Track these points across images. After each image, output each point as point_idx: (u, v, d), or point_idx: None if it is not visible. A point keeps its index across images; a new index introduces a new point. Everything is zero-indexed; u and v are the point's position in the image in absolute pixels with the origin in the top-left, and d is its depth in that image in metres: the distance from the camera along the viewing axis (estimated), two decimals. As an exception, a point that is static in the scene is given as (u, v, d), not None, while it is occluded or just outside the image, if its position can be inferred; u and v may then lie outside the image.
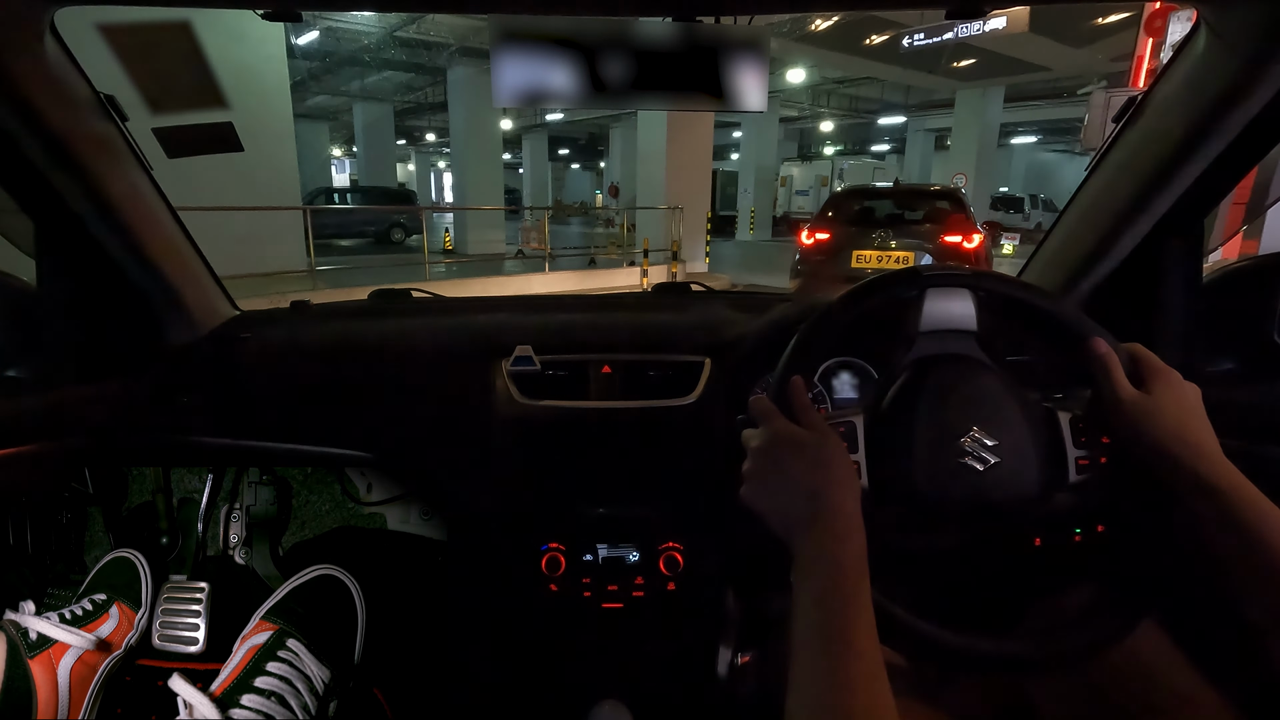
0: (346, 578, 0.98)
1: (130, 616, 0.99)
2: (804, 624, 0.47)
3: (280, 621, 0.92)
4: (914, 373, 0.66)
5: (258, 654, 0.89)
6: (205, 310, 1.11)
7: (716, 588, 1.05)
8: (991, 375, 0.66)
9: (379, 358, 1.10)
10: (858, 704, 0.42)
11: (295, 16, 0.81)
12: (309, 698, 0.88)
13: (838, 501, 0.53)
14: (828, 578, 0.49)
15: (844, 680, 0.44)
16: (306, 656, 0.90)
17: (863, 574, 0.50)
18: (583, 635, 1.04)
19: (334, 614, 0.96)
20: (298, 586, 0.97)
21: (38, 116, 0.78)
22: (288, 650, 0.90)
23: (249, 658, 0.89)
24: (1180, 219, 0.89)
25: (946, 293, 0.68)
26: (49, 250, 0.95)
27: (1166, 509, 0.59)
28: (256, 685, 0.86)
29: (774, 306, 1.10)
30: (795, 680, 0.46)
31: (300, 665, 0.89)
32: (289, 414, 1.07)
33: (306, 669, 0.89)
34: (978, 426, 0.63)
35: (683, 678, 1.05)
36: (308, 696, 0.88)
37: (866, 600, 0.48)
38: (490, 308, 1.28)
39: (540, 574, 0.98)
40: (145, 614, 1.00)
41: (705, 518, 1.00)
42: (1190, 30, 0.79)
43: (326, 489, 1.08)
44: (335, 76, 15.33)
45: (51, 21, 0.77)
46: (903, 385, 0.67)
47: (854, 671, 0.44)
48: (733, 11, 0.78)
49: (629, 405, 0.99)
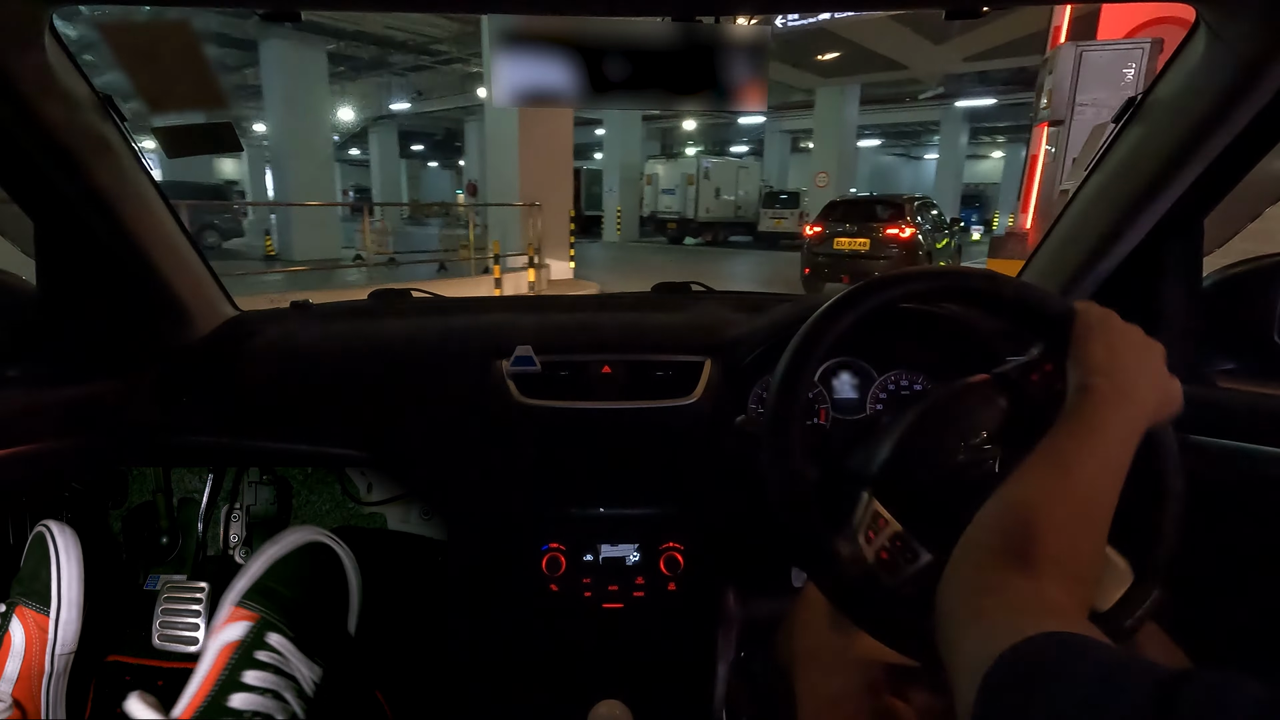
0: (335, 542, 0.82)
1: (41, 622, 0.77)
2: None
3: (259, 608, 0.76)
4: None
5: (233, 657, 0.73)
6: (205, 310, 1.11)
7: (716, 588, 1.05)
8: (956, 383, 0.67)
9: (379, 358, 1.10)
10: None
11: (295, 16, 0.81)
12: (297, 705, 0.73)
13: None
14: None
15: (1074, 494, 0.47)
16: (293, 654, 0.74)
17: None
18: (583, 635, 1.05)
19: (323, 590, 0.79)
20: (278, 561, 0.80)
21: (38, 116, 0.78)
22: (269, 650, 0.74)
23: (222, 663, 0.72)
24: (1180, 219, 0.89)
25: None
26: (49, 250, 0.95)
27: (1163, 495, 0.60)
28: (232, 706, 0.69)
29: (774, 306, 1.10)
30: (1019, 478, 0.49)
31: (286, 667, 0.73)
32: (289, 414, 1.07)
33: (294, 670, 0.74)
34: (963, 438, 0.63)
35: (683, 678, 1.05)
36: (296, 704, 0.72)
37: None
38: (490, 308, 1.28)
39: (540, 574, 0.98)
40: (60, 609, 0.78)
41: (705, 518, 1.00)
42: (1190, 30, 0.79)
43: (326, 489, 1.08)
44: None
45: (51, 21, 0.77)
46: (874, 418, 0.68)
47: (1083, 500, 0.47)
48: (733, 11, 0.78)
49: (629, 405, 0.99)
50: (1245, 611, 0.91)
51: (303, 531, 0.81)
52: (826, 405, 1.02)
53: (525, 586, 1.00)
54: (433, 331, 1.17)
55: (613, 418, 0.99)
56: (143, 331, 1.04)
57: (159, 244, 0.99)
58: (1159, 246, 0.92)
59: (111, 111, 0.89)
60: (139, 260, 0.97)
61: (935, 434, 0.65)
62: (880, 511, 0.63)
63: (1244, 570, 0.91)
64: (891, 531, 0.62)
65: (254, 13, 0.82)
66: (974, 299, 0.69)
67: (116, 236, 0.93)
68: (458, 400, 1.03)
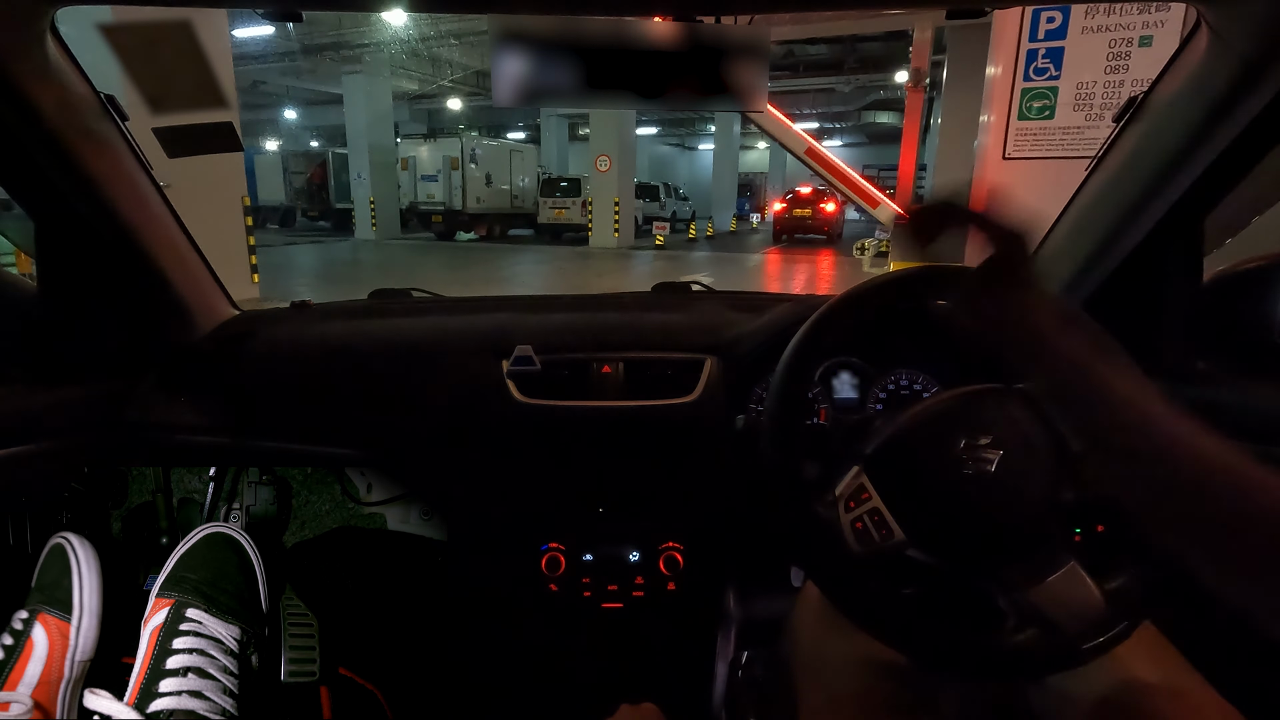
0: (236, 532, 0.93)
1: (63, 629, 0.84)
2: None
3: (174, 594, 0.87)
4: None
5: (160, 635, 0.84)
6: (205, 310, 1.11)
7: (716, 588, 1.05)
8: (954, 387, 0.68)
9: (379, 358, 1.10)
10: None
11: (296, 16, 0.81)
12: (226, 659, 0.84)
13: None
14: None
15: None
16: (210, 620, 0.85)
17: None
18: (582, 635, 1.05)
19: (229, 570, 0.91)
20: (185, 553, 0.91)
21: (38, 116, 0.78)
22: (189, 621, 0.84)
23: (154, 642, 0.84)
24: (1180, 219, 0.89)
25: None
26: (49, 250, 0.95)
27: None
28: (169, 668, 0.81)
29: (774, 306, 1.10)
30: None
31: (206, 631, 0.84)
32: (289, 414, 1.07)
33: (214, 633, 0.85)
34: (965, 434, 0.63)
35: (682, 678, 1.05)
36: (224, 658, 0.84)
37: None
38: (490, 307, 1.28)
39: (540, 574, 0.98)
40: (81, 617, 0.86)
41: (705, 517, 1.00)
42: (1190, 30, 0.79)
43: (326, 489, 1.08)
44: None
45: (52, 22, 0.77)
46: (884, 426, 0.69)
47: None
48: (733, 11, 0.78)
49: (629, 405, 0.99)
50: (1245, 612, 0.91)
51: (205, 527, 0.94)
52: (826, 405, 1.02)
53: (524, 586, 1.00)
54: (432, 331, 1.17)
55: (613, 417, 0.99)
56: (143, 331, 1.04)
57: (159, 244, 0.99)
58: (1159, 246, 0.92)
59: (111, 111, 0.89)
60: (139, 260, 0.97)
61: (937, 427, 0.66)
62: (866, 486, 0.65)
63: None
64: (872, 506, 0.64)
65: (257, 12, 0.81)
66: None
67: (116, 236, 0.93)
68: (457, 400, 1.03)
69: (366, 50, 14.31)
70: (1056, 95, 4.24)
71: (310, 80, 16.90)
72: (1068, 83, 4.21)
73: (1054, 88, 4.23)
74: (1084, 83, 4.16)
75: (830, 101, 19.88)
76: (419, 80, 16.51)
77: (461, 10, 0.85)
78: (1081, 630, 0.59)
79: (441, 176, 15.96)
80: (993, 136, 4.49)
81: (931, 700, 0.74)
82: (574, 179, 16.60)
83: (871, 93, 18.64)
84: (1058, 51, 4.19)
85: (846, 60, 15.88)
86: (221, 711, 0.81)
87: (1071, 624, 0.60)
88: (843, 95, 18.62)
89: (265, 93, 18.88)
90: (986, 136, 4.72)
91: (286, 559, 1.04)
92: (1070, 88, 4.21)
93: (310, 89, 18.15)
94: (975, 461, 0.62)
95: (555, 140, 22.37)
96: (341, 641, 0.98)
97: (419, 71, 16.01)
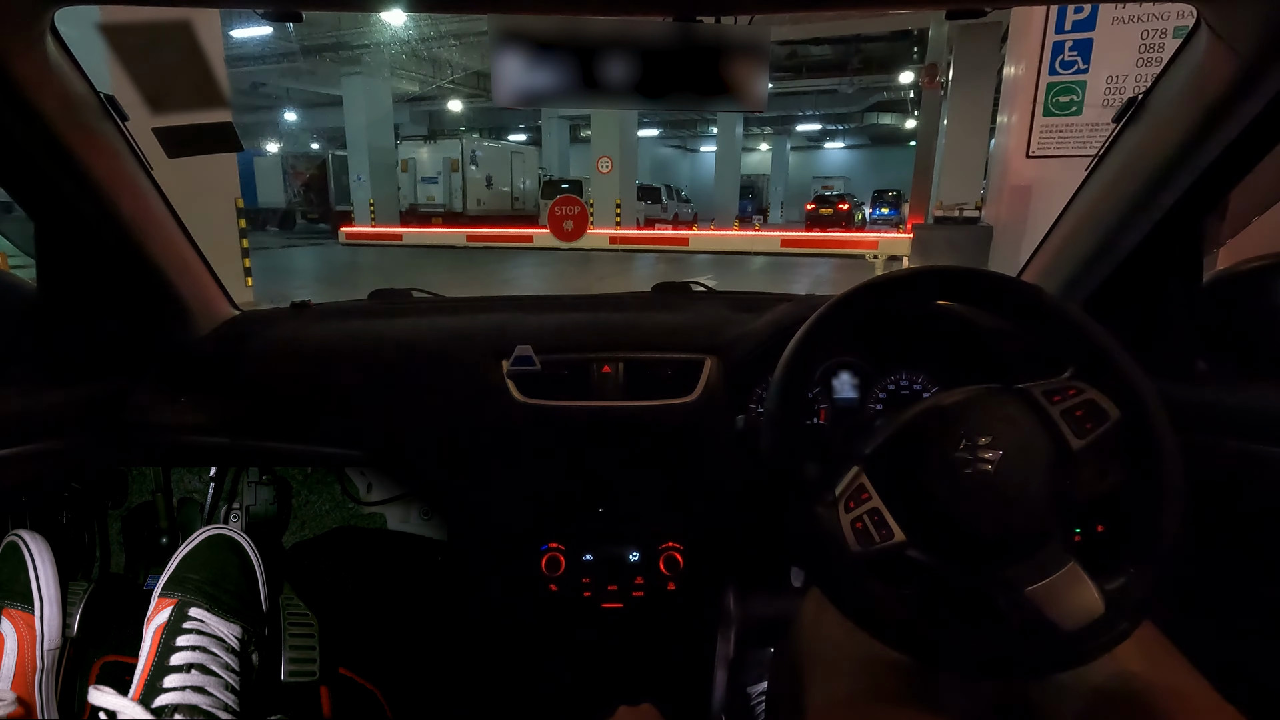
0: (236, 534, 0.96)
1: (28, 621, 0.87)
2: None
3: (178, 594, 0.90)
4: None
5: (164, 633, 0.87)
6: (205, 310, 1.11)
7: (716, 588, 1.05)
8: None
9: (379, 358, 1.10)
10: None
11: (296, 16, 0.81)
12: (228, 656, 0.88)
13: None
14: None
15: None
16: (212, 619, 0.88)
17: None
18: (582, 635, 1.05)
19: (230, 571, 0.94)
20: (187, 554, 0.94)
21: (38, 116, 0.78)
22: (192, 620, 0.88)
23: (157, 640, 0.87)
24: (1180, 219, 0.89)
25: None
26: (49, 250, 0.95)
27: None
28: (173, 664, 0.84)
29: (774, 306, 1.10)
30: None
31: (209, 629, 0.88)
32: (289, 414, 1.07)
33: (216, 631, 0.88)
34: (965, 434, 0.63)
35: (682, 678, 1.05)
36: (226, 656, 0.87)
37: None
38: (490, 308, 1.28)
39: (540, 574, 0.98)
40: (43, 607, 0.89)
41: (705, 517, 1.00)
42: (1190, 30, 0.79)
43: (326, 489, 1.08)
44: None
45: (52, 22, 0.77)
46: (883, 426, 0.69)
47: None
48: (733, 11, 0.78)
49: (629, 405, 0.99)
50: (1245, 612, 0.91)
51: (206, 529, 0.96)
52: (826, 405, 1.02)
53: (525, 586, 1.00)
54: (432, 331, 1.17)
55: (613, 417, 0.99)
56: (143, 331, 1.04)
57: (159, 244, 0.99)
58: (1159, 246, 0.92)
59: (111, 111, 0.89)
60: (139, 260, 0.97)
61: (937, 428, 0.66)
62: (865, 485, 0.65)
63: (1243, 570, 0.91)
64: (871, 506, 0.64)
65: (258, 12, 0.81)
66: (980, 300, 0.69)
67: (116, 236, 0.93)
68: (458, 400, 1.03)
69: (366, 51, 14.32)
70: (1084, 90, 4.01)
71: (310, 82, 16.87)
72: (1096, 76, 3.97)
73: (1081, 82, 4.01)
74: (1114, 76, 3.92)
75: (833, 103, 20.01)
76: (419, 82, 16.48)
77: (461, 10, 0.85)
78: (1081, 630, 0.59)
79: (442, 178, 16.24)
80: (1014, 134, 4.29)
81: (934, 697, 0.74)
82: (575, 181, 16.64)
83: (875, 94, 18.69)
84: (1086, 43, 3.95)
85: (850, 61, 15.87)
86: (224, 706, 0.84)
87: (1071, 624, 0.60)
88: (845, 97, 18.67)
89: (264, 94, 18.86)
90: (1007, 136, 4.55)
91: (286, 559, 1.05)
92: (1099, 82, 3.97)
93: (310, 90, 18.09)
94: (975, 461, 0.62)
95: (556, 142, 22.22)
96: (341, 641, 0.98)
97: (419, 73, 16.01)
